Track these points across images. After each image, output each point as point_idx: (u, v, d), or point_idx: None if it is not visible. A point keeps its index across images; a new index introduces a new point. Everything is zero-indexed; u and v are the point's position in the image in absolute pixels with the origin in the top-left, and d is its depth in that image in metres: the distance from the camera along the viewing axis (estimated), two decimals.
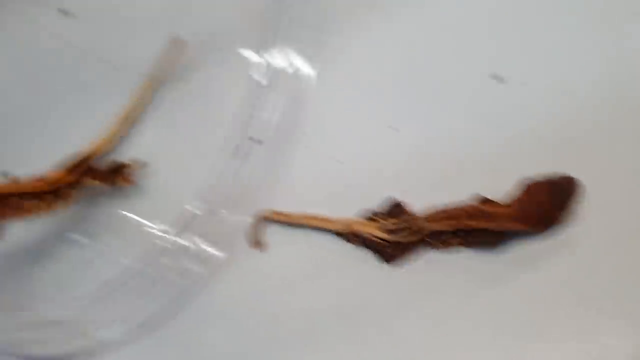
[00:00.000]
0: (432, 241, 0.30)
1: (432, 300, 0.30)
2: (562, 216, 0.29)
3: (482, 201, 0.31)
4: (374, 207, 0.32)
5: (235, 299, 0.31)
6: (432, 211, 0.30)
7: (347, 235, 0.31)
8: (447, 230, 0.30)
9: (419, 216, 0.30)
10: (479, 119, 0.34)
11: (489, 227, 0.29)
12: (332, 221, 0.31)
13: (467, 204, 0.30)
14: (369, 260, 0.31)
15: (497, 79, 0.34)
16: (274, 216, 0.32)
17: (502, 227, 0.29)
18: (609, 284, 0.29)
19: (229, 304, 0.30)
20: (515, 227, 0.29)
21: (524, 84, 0.34)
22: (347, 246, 0.31)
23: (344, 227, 0.31)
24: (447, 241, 0.30)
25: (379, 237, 0.30)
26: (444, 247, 0.30)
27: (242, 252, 0.31)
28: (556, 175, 0.30)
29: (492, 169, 0.32)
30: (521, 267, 0.30)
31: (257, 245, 0.31)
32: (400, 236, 0.30)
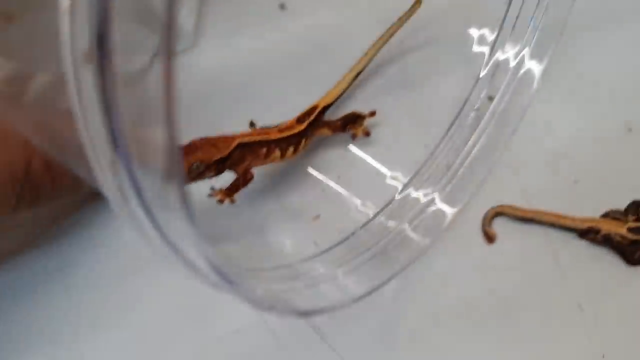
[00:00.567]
0: None
1: None
2: None
3: None
4: (607, 207, 0.32)
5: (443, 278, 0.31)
6: None
7: (586, 232, 0.31)
8: None
9: None
10: None
11: None
12: (571, 218, 0.31)
13: None
14: (607, 258, 0.31)
15: None
16: (507, 210, 0.32)
17: None
18: None
19: (435, 282, 0.31)
20: None
21: None
22: (581, 243, 0.31)
23: (584, 224, 0.31)
24: None
25: (624, 237, 0.30)
26: None
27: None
28: None
29: None
30: None
31: (489, 237, 0.32)
32: None
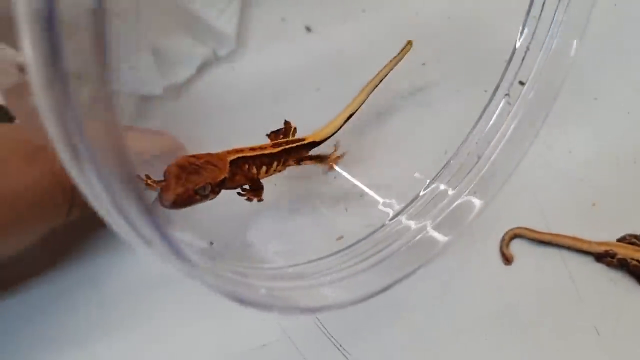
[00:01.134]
0: None
1: None
2: None
3: None
4: (624, 230, 0.33)
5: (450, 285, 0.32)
6: None
7: (602, 256, 0.32)
8: None
9: None
10: None
11: None
12: (587, 242, 0.32)
13: None
14: (623, 282, 0.32)
15: None
16: (525, 232, 0.33)
17: None
18: None
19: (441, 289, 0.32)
20: None
21: None
22: (598, 266, 0.32)
23: (601, 248, 0.32)
24: None
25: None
26: None
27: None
28: None
29: None
30: None
31: (507, 258, 0.33)
32: None
